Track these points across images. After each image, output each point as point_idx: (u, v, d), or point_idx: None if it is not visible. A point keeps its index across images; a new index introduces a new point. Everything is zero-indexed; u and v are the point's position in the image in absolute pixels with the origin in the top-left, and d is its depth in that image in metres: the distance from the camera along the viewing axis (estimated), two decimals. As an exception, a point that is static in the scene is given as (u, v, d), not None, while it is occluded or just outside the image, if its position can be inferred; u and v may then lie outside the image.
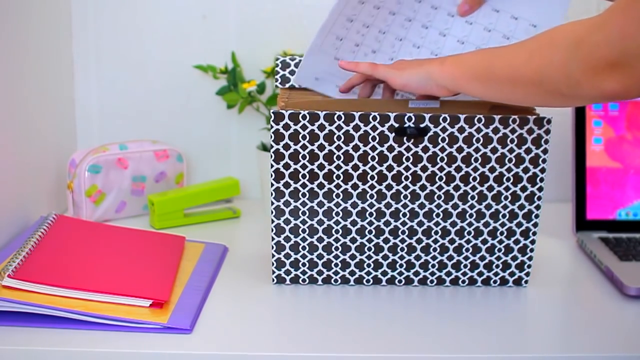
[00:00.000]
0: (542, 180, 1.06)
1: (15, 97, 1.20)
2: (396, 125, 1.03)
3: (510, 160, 1.05)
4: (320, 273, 1.09)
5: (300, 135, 1.03)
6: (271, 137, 1.03)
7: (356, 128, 1.03)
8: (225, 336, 0.95)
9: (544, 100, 0.87)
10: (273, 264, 1.09)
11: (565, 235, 1.31)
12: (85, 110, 1.48)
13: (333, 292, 1.08)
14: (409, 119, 1.02)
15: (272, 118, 1.03)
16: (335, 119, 1.03)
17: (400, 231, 1.07)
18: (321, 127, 1.03)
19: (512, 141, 1.04)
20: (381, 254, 1.08)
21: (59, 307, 0.95)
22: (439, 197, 1.06)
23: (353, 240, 1.08)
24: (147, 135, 1.48)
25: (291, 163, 1.05)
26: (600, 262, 1.16)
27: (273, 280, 1.10)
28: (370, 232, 1.07)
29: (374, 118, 1.03)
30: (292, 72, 1.13)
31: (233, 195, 1.43)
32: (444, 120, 1.02)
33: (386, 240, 1.08)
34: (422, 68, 0.99)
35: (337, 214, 1.07)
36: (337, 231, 1.07)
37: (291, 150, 1.04)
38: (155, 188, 1.40)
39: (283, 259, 1.08)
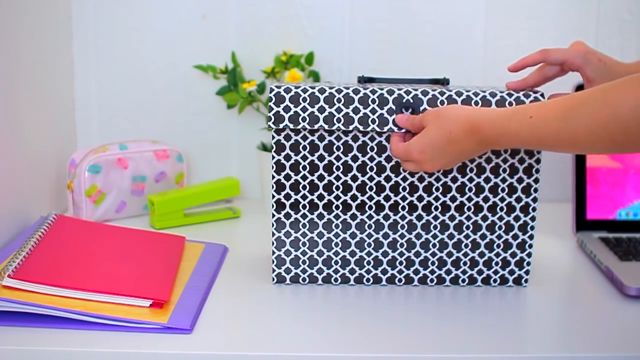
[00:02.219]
0: (537, 171, 1.06)
1: (15, 97, 1.20)
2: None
3: (505, 151, 1.05)
4: (320, 271, 1.09)
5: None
6: (271, 130, 1.04)
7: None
8: (225, 336, 0.95)
9: (620, 153, 0.92)
10: (273, 262, 1.09)
11: (565, 235, 1.31)
12: (85, 110, 1.48)
13: (333, 292, 1.08)
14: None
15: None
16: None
17: (399, 225, 1.07)
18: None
19: None
20: (381, 250, 1.08)
21: (59, 307, 0.95)
22: (437, 189, 1.06)
23: (353, 236, 1.08)
24: (147, 135, 1.48)
25: (292, 154, 1.05)
26: (600, 262, 1.16)
27: (273, 279, 1.10)
28: (369, 226, 1.07)
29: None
30: (286, 109, 1.03)
31: (233, 195, 1.43)
32: None
33: (385, 236, 1.08)
34: (462, 158, 0.99)
35: (337, 207, 1.07)
36: (337, 225, 1.07)
37: (292, 141, 1.04)
38: (155, 188, 1.40)
39: (283, 256, 1.08)
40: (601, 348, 0.94)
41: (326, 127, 1.03)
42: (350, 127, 1.03)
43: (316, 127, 1.03)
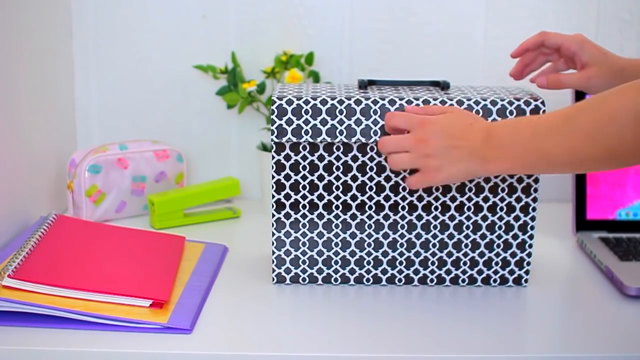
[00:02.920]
0: None
1: (15, 97, 1.20)
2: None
3: None
4: (320, 271, 1.09)
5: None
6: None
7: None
8: (225, 336, 0.95)
9: (613, 168, 0.88)
10: (273, 262, 1.09)
11: (565, 235, 1.31)
12: (85, 110, 1.48)
13: (333, 292, 1.08)
14: None
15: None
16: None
17: (399, 225, 1.07)
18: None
19: None
20: (381, 250, 1.08)
21: (59, 307, 0.95)
22: (437, 189, 1.06)
23: (353, 236, 1.08)
24: (147, 135, 1.48)
25: (292, 154, 1.05)
26: (600, 262, 1.16)
27: (273, 279, 1.10)
28: (369, 226, 1.07)
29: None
30: (289, 122, 1.04)
31: (233, 195, 1.43)
32: None
33: (385, 235, 1.08)
34: (462, 167, 0.93)
35: (337, 207, 1.07)
36: (337, 225, 1.07)
37: (292, 141, 1.05)
38: (155, 188, 1.40)
39: (283, 256, 1.08)
40: (601, 348, 0.94)
41: (329, 140, 1.03)
42: (353, 140, 1.03)
43: (318, 140, 1.03)
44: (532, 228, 1.08)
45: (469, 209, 1.07)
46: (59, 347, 0.91)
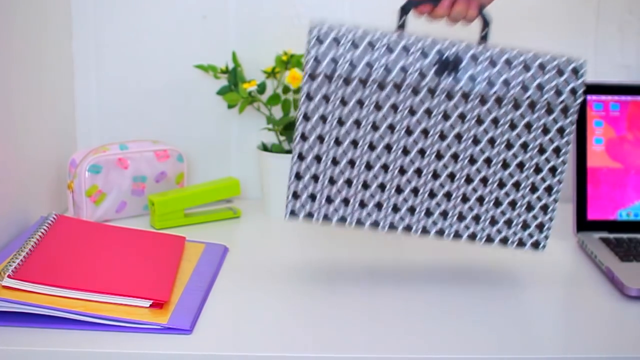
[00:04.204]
0: (569, 133, 1.04)
1: (15, 97, 1.20)
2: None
3: (540, 109, 1.03)
4: (335, 212, 1.05)
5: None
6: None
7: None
8: (225, 336, 0.95)
9: None
10: (288, 197, 1.04)
11: (566, 236, 1.31)
12: (85, 110, 1.48)
13: (333, 293, 1.08)
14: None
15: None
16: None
17: (423, 173, 1.04)
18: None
19: (547, 91, 1.03)
20: (401, 196, 1.05)
21: (59, 307, 0.95)
22: (466, 139, 1.04)
23: (374, 178, 1.04)
24: (147, 135, 1.48)
25: (323, 85, 1.02)
26: (601, 262, 1.16)
27: (286, 215, 1.06)
28: (392, 170, 1.04)
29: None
30: (325, 52, 1.00)
31: (233, 195, 1.43)
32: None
33: (407, 182, 1.04)
34: None
35: (362, 147, 1.03)
36: (359, 167, 1.04)
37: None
38: (156, 188, 1.40)
39: (300, 191, 1.04)
40: (601, 348, 0.94)
41: (363, 76, 1.00)
42: (388, 79, 1.01)
43: (353, 75, 1.00)
44: (557, 192, 1.06)
45: (496, 164, 1.04)
46: (59, 347, 0.91)
